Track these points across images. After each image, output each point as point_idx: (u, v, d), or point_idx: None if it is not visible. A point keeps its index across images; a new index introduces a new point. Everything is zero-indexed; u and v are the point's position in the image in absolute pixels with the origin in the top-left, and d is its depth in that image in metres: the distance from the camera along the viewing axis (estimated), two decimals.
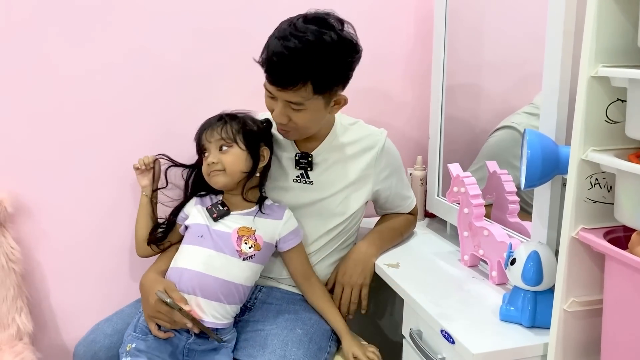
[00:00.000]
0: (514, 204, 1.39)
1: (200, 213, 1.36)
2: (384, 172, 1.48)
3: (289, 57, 1.21)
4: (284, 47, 1.22)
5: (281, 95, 1.27)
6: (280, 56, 1.22)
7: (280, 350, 1.24)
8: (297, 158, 1.43)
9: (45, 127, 1.52)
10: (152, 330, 1.28)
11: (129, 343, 1.27)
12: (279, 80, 1.25)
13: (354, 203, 1.45)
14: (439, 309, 1.17)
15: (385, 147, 1.47)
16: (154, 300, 1.24)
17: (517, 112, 1.51)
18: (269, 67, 1.25)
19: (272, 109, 1.33)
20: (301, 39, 1.21)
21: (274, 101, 1.31)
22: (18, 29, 1.46)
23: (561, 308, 0.96)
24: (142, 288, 1.32)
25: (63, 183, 1.56)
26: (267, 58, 1.25)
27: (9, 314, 1.50)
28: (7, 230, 1.50)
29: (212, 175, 1.33)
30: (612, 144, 0.91)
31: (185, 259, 1.31)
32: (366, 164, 1.45)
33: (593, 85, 0.88)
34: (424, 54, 1.73)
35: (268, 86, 1.29)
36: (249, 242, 1.32)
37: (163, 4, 1.55)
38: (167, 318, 1.25)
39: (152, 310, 1.26)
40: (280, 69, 1.23)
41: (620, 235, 0.94)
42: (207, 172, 1.34)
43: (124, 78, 1.55)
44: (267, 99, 1.34)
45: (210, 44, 1.60)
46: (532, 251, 1.10)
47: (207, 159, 1.33)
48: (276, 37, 1.25)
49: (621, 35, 0.87)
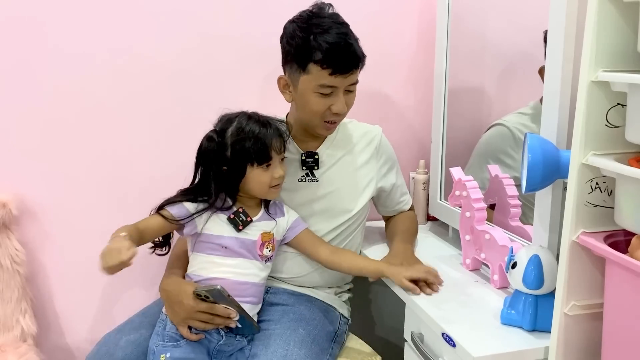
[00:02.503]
0: (516, 208, 1.40)
1: (220, 224, 1.30)
2: (384, 167, 1.52)
3: (347, 40, 1.30)
4: (337, 35, 1.29)
5: (346, 81, 1.32)
6: (341, 43, 1.29)
7: (282, 350, 1.24)
8: (304, 158, 1.44)
9: (50, 130, 1.53)
10: (183, 334, 1.25)
11: (162, 354, 1.24)
12: (348, 65, 1.31)
13: (360, 199, 1.47)
14: (441, 312, 1.17)
15: (382, 143, 1.51)
16: (191, 301, 1.22)
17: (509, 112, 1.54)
18: (335, 58, 1.29)
19: (325, 107, 1.34)
20: (340, 23, 1.32)
21: (330, 97, 1.33)
22: (21, 31, 1.48)
23: (562, 312, 0.96)
24: (168, 293, 1.28)
25: (68, 186, 1.57)
26: (329, 51, 1.29)
27: (13, 316, 1.50)
28: (12, 233, 1.51)
29: (276, 188, 1.32)
30: (612, 148, 0.91)
31: (216, 270, 1.28)
32: (367, 160, 1.48)
33: (593, 90, 0.89)
34: (426, 58, 1.73)
35: (331, 80, 1.31)
36: (269, 246, 1.34)
37: (166, 6, 1.56)
38: (206, 316, 1.23)
39: (189, 311, 1.22)
40: (347, 54, 1.30)
41: (621, 239, 0.94)
42: (269, 184, 1.29)
43: (129, 81, 1.56)
44: (318, 101, 1.34)
45: (213, 47, 1.61)
46: (533, 255, 1.10)
47: (272, 171, 1.29)
48: (319, 32, 1.29)
49: (621, 40, 0.88)
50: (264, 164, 1.28)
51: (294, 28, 1.33)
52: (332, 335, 1.39)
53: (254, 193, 1.31)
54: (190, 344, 1.25)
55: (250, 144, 1.26)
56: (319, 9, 1.35)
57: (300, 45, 1.31)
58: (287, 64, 1.37)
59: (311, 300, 1.43)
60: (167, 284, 1.31)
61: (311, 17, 1.33)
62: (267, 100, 1.61)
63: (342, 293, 1.52)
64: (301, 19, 1.34)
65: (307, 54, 1.30)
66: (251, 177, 1.28)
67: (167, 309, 1.29)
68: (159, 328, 1.29)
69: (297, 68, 1.33)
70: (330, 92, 1.33)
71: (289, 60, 1.35)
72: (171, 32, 1.57)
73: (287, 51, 1.35)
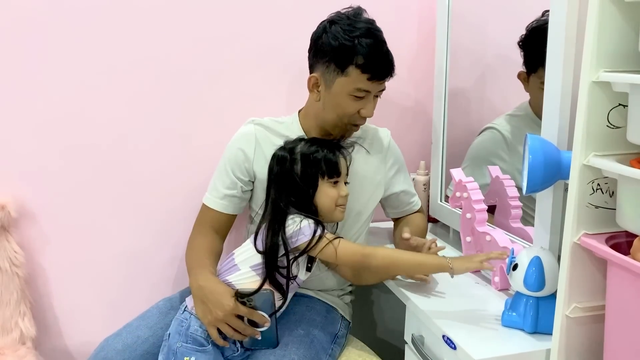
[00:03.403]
0: (517, 209, 1.39)
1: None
2: (392, 170, 1.51)
3: (386, 47, 1.33)
4: (379, 41, 1.31)
5: (379, 87, 1.35)
6: (382, 50, 1.32)
7: (279, 350, 1.24)
8: None
9: (49, 132, 1.53)
10: (213, 336, 1.20)
11: (187, 356, 1.20)
12: (385, 72, 1.33)
13: (369, 202, 1.47)
14: (441, 315, 1.17)
15: (391, 145, 1.52)
16: (231, 302, 1.18)
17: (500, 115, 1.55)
18: (376, 64, 1.30)
19: (356, 110, 1.35)
20: (378, 29, 1.34)
21: (361, 100, 1.34)
22: (22, 34, 1.47)
23: (563, 314, 0.96)
24: (204, 290, 1.21)
25: (67, 188, 1.56)
26: (372, 56, 1.29)
27: (12, 318, 1.50)
28: (11, 235, 1.50)
29: (342, 208, 1.30)
30: (613, 149, 0.91)
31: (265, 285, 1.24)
32: (376, 164, 1.48)
33: (594, 91, 0.88)
34: (426, 58, 1.73)
35: (368, 85, 1.32)
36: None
37: (168, 9, 1.55)
38: (240, 323, 1.19)
39: (226, 312, 1.18)
40: (386, 61, 1.32)
41: (623, 241, 0.93)
42: (335, 203, 1.28)
43: (129, 84, 1.56)
44: (351, 104, 1.34)
45: (215, 50, 1.60)
46: (534, 257, 1.10)
47: (339, 188, 1.28)
48: (359, 36, 1.30)
49: (622, 40, 0.87)
50: (333, 179, 1.28)
51: (337, 29, 1.31)
52: (332, 336, 1.38)
53: (322, 211, 1.28)
54: (214, 350, 1.21)
55: (321, 156, 1.28)
56: (356, 13, 1.34)
57: (343, 47, 1.30)
58: (323, 64, 1.34)
59: (313, 301, 1.43)
60: (205, 279, 1.23)
61: (354, 21, 1.32)
62: (265, 101, 1.62)
63: (344, 295, 1.52)
64: (343, 21, 1.32)
65: (349, 56, 1.30)
66: (321, 191, 1.27)
67: (198, 307, 1.22)
68: (182, 327, 1.23)
69: (335, 69, 1.32)
70: (363, 96, 1.34)
71: (327, 60, 1.33)
72: (171, 33, 1.56)
73: (326, 51, 1.33)
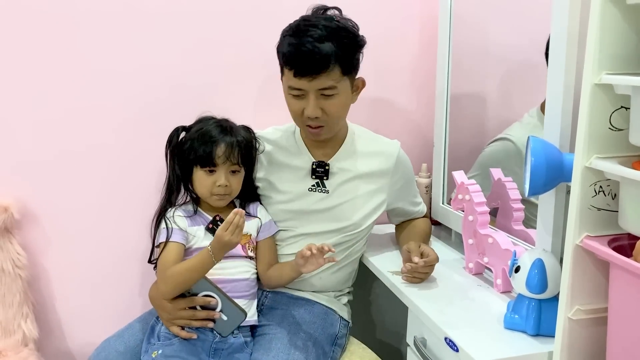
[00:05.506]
0: (519, 212, 1.39)
1: (202, 236, 1.34)
2: (397, 184, 1.50)
3: (314, 42, 1.26)
4: (307, 36, 1.27)
5: (313, 85, 1.29)
6: (306, 44, 1.26)
7: (283, 354, 1.24)
8: (314, 167, 1.43)
9: (52, 133, 1.53)
10: (174, 332, 1.27)
11: (154, 350, 1.26)
12: (311, 68, 1.27)
13: (369, 218, 1.45)
14: (444, 317, 1.17)
15: (399, 159, 1.49)
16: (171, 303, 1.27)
17: (513, 124, 1.53)
18: (297, 58, 1.28)
19: (300, 110, 1.34)
20: (318, 26, 1.28)
21: (303, 99, 1.32)
22: (24, 36, 1.48)
23: (566, 316, 0.96)
24: (151, 300, 1.35)
25: (70, 190, 1.57)
26: (293, 51, 1.28)
27: (15, 320, 1.50)
28: (14, 237, 1.51)
29: (218, 198, 1.33)
30: (616, 151, 0.90)
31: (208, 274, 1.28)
32: (381, 178, 1.46)
33: (597, 93, 0.88)
34: (428, 62, 1.73)
35: (296, 82, 1.30)
36: (250, 247, 1.39)
37: (170, 11, 1.56)
38: (188, 313, 1.27)
39: (171, 312, 1.28)
40: (310, 56, 1.26)
41: (625, 243, 0.93)
42: (211, 192, 1.33)
43: (131, 85, 1.56)
44: (293, 102, 1.34)
45: (216, 51, 1.61)
46: (537, 259, 1.10)
47: (214, 178, 1.32)
48: (290, 34, 1.30)
49: (625, 42, 0.87)
50: (207, 168, 1.31)
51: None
52: (332, 338, 1.38)
53: (200, 195, 1.36)
54: (183, 343, 1.27)
55: (198, 145, 1.31)
56: (313, 12, 1.35)
57: (278, 47, 1.35)
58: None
59: (310, 303, 1.43)
60: (149, 291, 1.37)
61: (298, 21, 1.33)
62: (262, 107, 1.62)
63: (341, 296, 1.51)
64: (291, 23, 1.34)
65: (279, 55, 1.34)
66: (195, 178, 1.34)
67: (158, 313, 1.33)
68: (154, 329, 1.33)
69: (280, 69, 1.37)
70: (301, 95, 1.32)
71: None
72: (171, 34, 1.57)
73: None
